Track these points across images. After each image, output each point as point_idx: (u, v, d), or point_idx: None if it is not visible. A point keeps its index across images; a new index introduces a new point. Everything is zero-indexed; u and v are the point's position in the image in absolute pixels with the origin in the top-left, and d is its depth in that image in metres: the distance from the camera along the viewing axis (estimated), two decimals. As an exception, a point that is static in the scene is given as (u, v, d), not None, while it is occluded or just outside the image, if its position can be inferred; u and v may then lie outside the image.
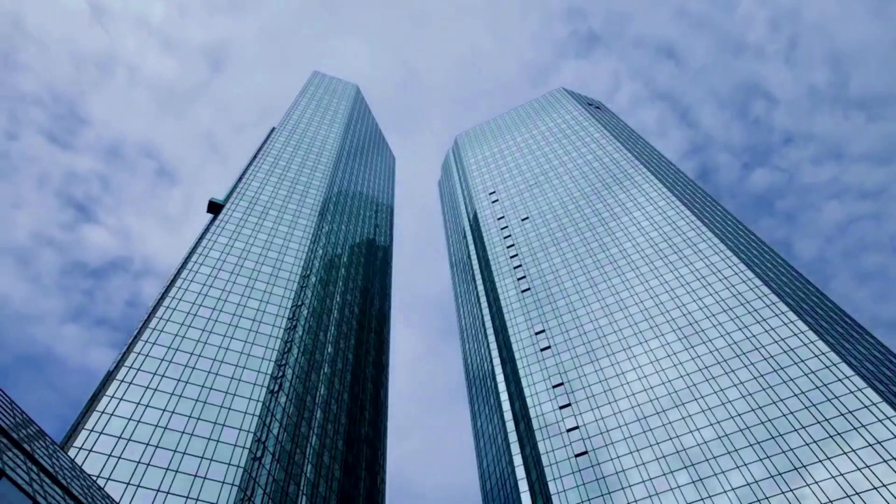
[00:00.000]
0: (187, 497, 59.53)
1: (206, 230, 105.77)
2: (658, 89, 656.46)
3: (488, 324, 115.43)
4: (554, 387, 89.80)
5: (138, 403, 67.24)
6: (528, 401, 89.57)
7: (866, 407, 66.72)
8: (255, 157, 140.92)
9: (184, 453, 63.72)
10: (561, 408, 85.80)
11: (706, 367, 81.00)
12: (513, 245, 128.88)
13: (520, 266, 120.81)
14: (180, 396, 70.28)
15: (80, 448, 59.85)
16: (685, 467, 70.52)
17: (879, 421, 64.81)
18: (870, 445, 63.08)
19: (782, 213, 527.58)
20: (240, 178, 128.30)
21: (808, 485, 62.53)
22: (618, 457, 75.47)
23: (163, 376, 71.96)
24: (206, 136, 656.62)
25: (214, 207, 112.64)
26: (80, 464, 58.01)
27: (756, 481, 65.37)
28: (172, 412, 67.89)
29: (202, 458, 63.99)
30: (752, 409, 72.78)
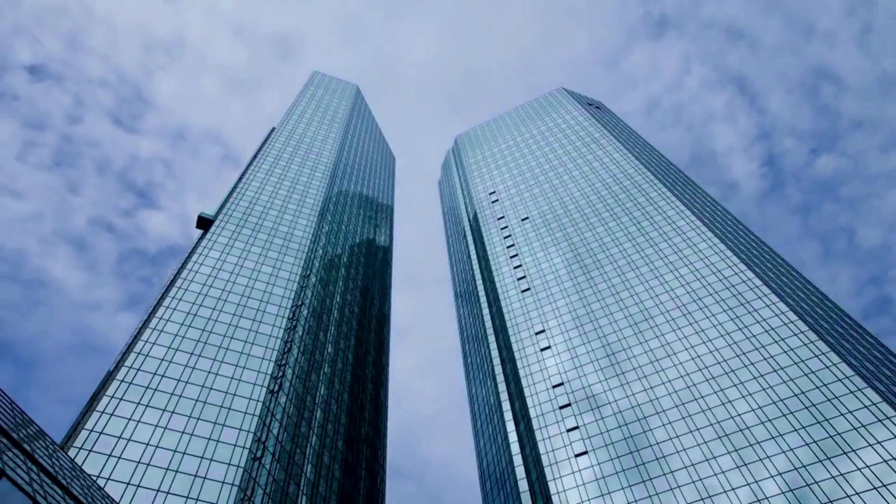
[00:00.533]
0: (187, 497, 59.53)
1: (205, 231, 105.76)
2: (728, 73, 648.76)
3: (488, 324, 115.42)
4: (554, 387, 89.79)
5: (138, 403, 67.23)
6: (528, 401, 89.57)
7: (866, 407, 66.72)
8: (255, 156, 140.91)
9: (184, 453, 63.72)
10: (561, 408, 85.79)
11: (706, 367, 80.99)
12: (513, 245, 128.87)
13: (520, 266, 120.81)
14: (180, 396, 70.27)
15: (80, 448, 59.85)
16: (685, 467, 70.51)
17: (879, 421, 64.80)
18: (870, 446, 63.08)
19: (846, 200, 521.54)
20: (239, 179, 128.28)
21: (808, 485, 62.54)
22: (618, 457, 75.47)
23: (163, 376, 71.95)
24: (271, 122, 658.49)
25: (204, 223, 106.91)
26: (80, 464, 58.01)
27: (756, 481, 65.35)
28: (172, 412, 67.89)
29: (202, 458, 63.99)
30: (752, 410, 72.77)
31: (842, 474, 61.91)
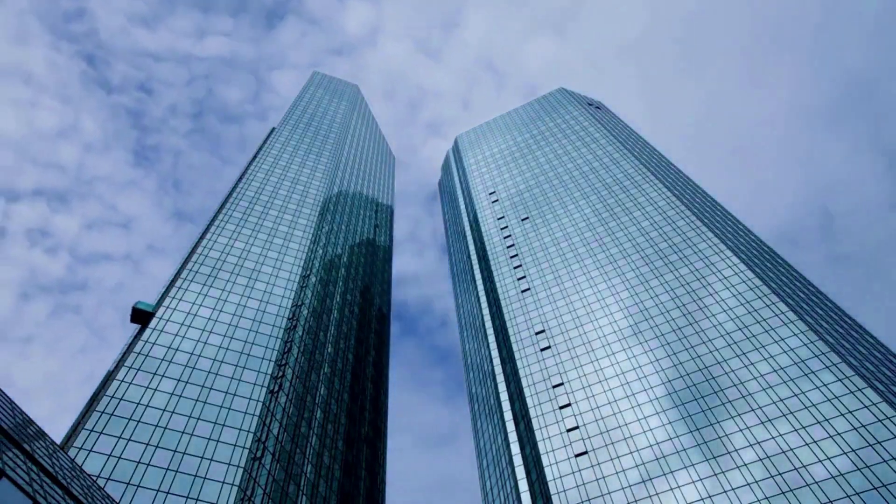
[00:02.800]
0: (187, 497, 59.55)
1: (206, 230, 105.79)
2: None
3: (488, 324, 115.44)
4: (554, 387, 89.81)
5: (138, 403, 67.25)
6: (528, 401, 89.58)
7: (866, 407, 66.72)
8: (255, 156, 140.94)
9: (184, 453, 63.73)
10: (561, 408, 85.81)
11: (706, 367, 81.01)
12: (513, 245, 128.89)
13: (520, 266, 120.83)
14: (180, 396, 70.29)
15: (80, 448, 59.86)
16: (685, 467, 70.52)
17: (879, 421, 64.81)
18: (870, 446, 63.09)
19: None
20: (239, 179, 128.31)
21: (807, 485, 62.54)
22: (618, 457, 75.48)
23: (163, 376, 71.97)
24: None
25: (140, 316, 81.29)
26: (80, 464, 58.00)
27: (756, 481, 65.39)
28: (172, 412, 67.91)
29: (202, 458, 64.00)
30: (752, 410, 72.78)
31: (841, 474, 61.92)
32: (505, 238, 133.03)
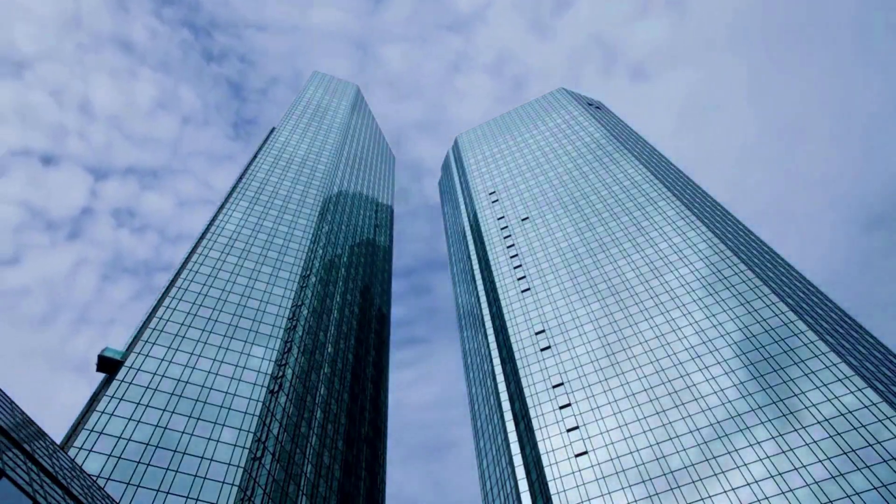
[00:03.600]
0: (187, 497, 59.55)
1: (206, 230, 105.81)
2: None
3: (488, 324, 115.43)
4: (554, 387, 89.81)
5: (138, 403, 67.25)
6: (528, 401, 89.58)
7: (866, 407, 66.72)
8: (255, 157, 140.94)
9: (184, 453, 63.74)
10: (561, 408, 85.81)
11: (706, 367, 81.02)
12: (513, 245, 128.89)
13: (520, 266, 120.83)
14: (180, 396, 70.29)
15: (80, 448, 59.86)
16: (685, 467, 70.52)
17: (879, 421, 64.81)
18: (870, 446, 63.08)
19: None
20: (240, 179, 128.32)
21: (807, 485, 62.54)
22: (618, 457, 75.48)
23: (163, 376, 71.97)
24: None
25: (107, 366, 72.13)
26: (80, 464, 58.00)
27: (756, 481, 65.39)
28: (172, 412, 67.91)
29: (202, 458, 64.01)
30: (752, 410, 72.79)
31: (842, 474, 61.90)
32: (505, 238, 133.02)
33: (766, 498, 63.51)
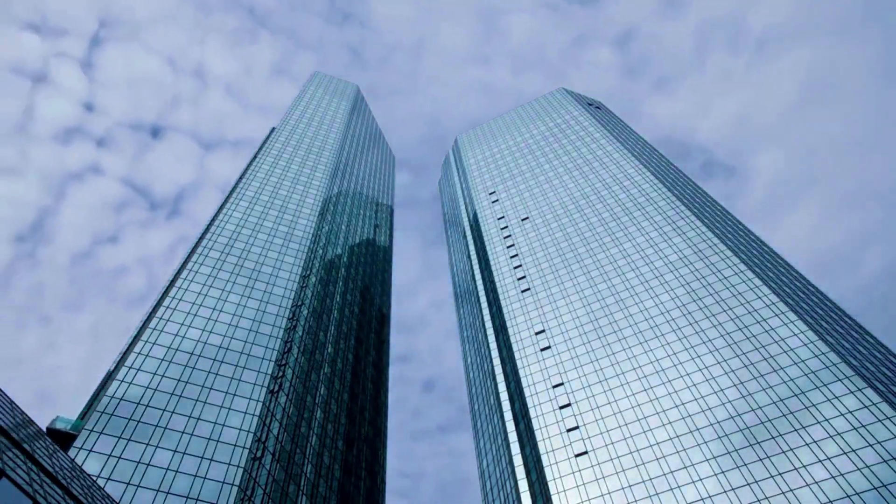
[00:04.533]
0: (187, 497, 59.55)
1: (206, 230, 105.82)
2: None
3: (488, 324, 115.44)
4: (554, 387, 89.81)
5: (139, 403, 67.26)
6: (528, 401, 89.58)
7: (866, 407, 66.72)
8: (255, 157, 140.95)
9: (184, 453, 63.74)
10: (561, 408, 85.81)
11: (706, 368, 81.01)
12: (513, 245, 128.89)
13: (520, 266, 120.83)
14: (180, 396, 70.31)
15: (80, 448, 59.86)
16: (685, 467, 70.52)
17: (879, 421, 64.81)
18: (870, 446, 63.09)
19: None
20: (240, 179, 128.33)
21: (808, 485, 62.54)
22: (618, 457, 75.48)
23: (163, 376, 71.99)
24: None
25: (60, 437, 61.08)
26: (80, 464, 58.01)
27: (756, 481, 65.39)
28: (172, 412, 67.92)
29: (202, 458, 64.01)
30: (752, 410, 72.78)
31: (842, 474, 61.91)
32: (505, 238, 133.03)
33: (767, 497, 63.50)
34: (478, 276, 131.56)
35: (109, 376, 72.09)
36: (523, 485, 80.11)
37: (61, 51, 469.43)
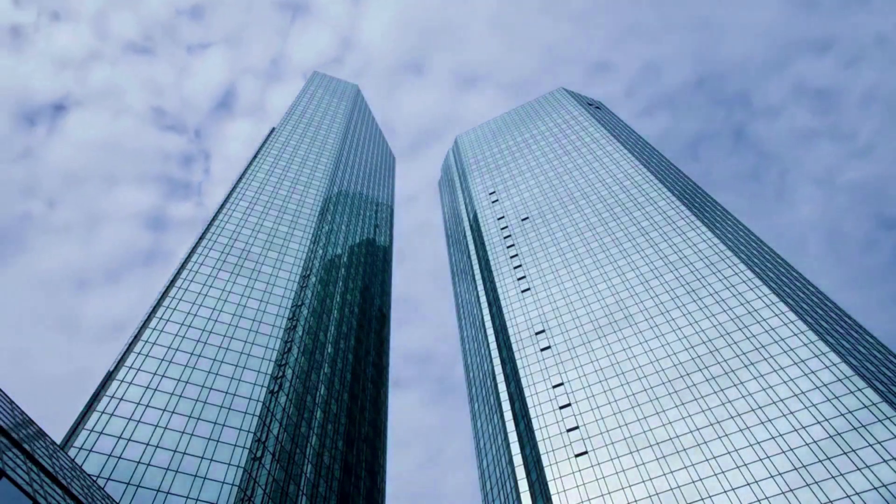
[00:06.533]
0: (187, 497, 59.55)
1: (206, 230, 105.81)
2: None
3: (488, 324, 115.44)
4: (554, 387, 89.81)
5: (138, 403, 67.26)
6: (528, 401, 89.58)
7: (866, 407, 66.72)
8: (255, 157, 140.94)
9: (184, 453, 63.74)
10: (561, 408, 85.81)
11: (706, 367, 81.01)
12: (513, 245, 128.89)
13: (520, 266, 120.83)
14: (180, 396, 70.30)
15: (80, 448, 59.86)
16: (685, 467, 70.52)
17: (879, 421, 64.81)
18: (870, 446, 63.09)
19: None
20: (240, 179, 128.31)
21: (807, 485, 62.54)
22: (618, 457, 75.48)
23: (163, 376, 71.98)
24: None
25: None
26: (80, 464, 58.01)
27: (756, 481, 65.38)
28: (172, 412, 67.92)
29: (202, 458, 64.01)
30: (752, 410, 72.78)
31: (842, 474, 61.92)
32: (505, 238, 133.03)
33: (767, 498, 63.51)
34: (478, 276, 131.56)
35: (109, 376, 72.07)
36: (523, 485, 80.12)
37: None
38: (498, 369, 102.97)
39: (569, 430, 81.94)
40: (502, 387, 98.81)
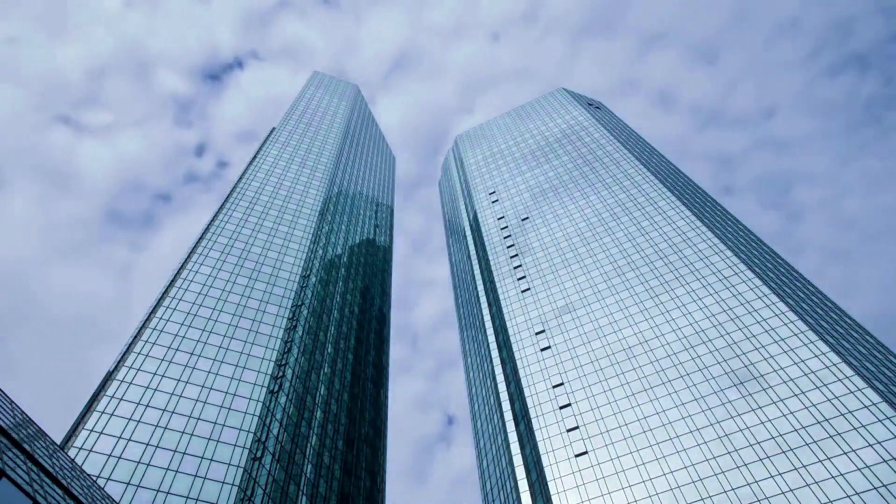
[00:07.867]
0: (187, 497, 59.55)
1: (206, 230, 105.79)
2: None
3: (488, 324, 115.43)
4: (554, 387, 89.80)
5: (138, 403, 67.25)
6: (528, 401, 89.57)
7: (866, 407, 66.73)
8: (255, 157, 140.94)
9: (184, 453, 63.73)
10: (561, 408, 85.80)
11: (706, 367, 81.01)
12: (513, 245, 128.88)
13: (520, 266, 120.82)
14: (180, 396, 70.29)
15: (80, 448, 59.86)
16: (685, 467, 70.52)
17: (879, 421, 64.82)
18: (870, 445, 63.09)
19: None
20: (239, 179, 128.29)
21: (807, 485, 62.54)
22: (618, 457, 75.47)
23: (163, 376, 71.97)
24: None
25: None
26: (80, 464, 58.01)
27: (756, 481, 65.39)
28: (172, 412, 67.91)
29: (202, 458, 64.01)
30: (752, 410, 72.78)
31: (842, 474, 61.91)
32: (505, 238, 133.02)
33: (767, 497, 63.51)
34: (478, 276, 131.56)
35: (109, 376, 72.07)
36: (523, 485, 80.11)
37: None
38: (498, 369, 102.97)
39: (569, 430, 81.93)
40: (502, 387, 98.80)
